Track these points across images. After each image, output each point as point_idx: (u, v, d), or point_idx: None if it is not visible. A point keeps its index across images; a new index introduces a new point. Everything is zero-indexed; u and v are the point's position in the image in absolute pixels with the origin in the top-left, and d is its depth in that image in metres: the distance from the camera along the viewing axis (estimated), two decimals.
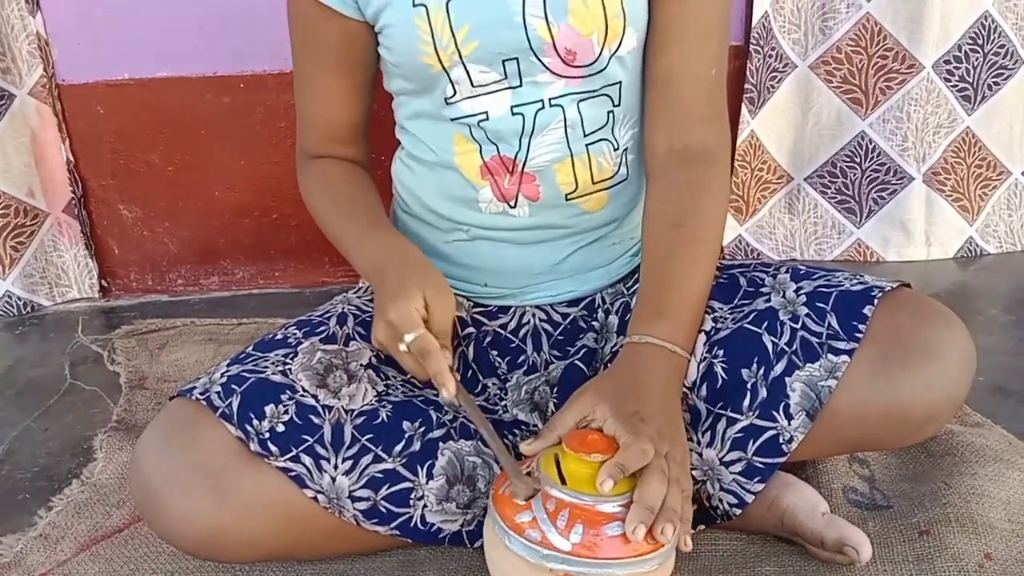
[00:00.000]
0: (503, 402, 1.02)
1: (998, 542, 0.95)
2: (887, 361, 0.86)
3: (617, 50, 0.94)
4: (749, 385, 0.88)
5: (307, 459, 0.87)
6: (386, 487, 0.89)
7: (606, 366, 1.01)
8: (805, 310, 0.89)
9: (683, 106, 0.96)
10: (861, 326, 0.87)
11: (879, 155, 1.71)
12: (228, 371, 0.91)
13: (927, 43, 1.63)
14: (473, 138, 0.97)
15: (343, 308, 1.01)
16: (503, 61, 0.93)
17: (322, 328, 0.98)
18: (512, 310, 1.07)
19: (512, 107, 0.95)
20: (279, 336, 0.97)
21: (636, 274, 1.02)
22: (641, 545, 0.75)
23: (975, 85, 1.69)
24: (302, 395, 0.89)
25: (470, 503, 0.91)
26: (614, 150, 1.00)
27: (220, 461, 0.86)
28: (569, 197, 1.00)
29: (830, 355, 0.87)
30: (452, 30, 0.90)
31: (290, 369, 0.91)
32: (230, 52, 1.60)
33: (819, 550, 0.93)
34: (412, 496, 0.90)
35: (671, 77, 0.96)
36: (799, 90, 1.69)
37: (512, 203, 1.00)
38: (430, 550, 0.97)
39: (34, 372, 1.47)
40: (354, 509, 0.88)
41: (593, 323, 1.06)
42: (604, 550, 0.74)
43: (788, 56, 1.66)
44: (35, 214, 1.63)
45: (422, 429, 0.91)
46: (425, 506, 0.90)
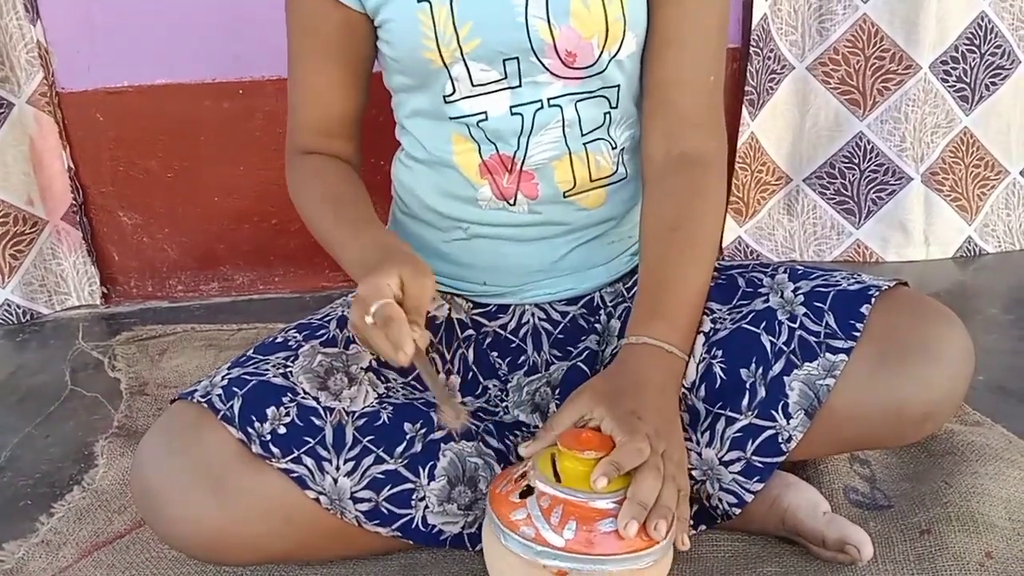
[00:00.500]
0: (504, 403, 1.02)
1: (999, 541, 0.95)
2: (885, 360, 0.86)
3: (616, 53, 0.94)
4: (748, 385, 0.88)
5: (309, 460, 0.87)
6: (387, 488, 0.89)
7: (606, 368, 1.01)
8: (803, 310, 0.90)
9: (681, 112, 0.96)
10: (859, 325, 0.87)
11: (877, 156, 1.71)
12: (229, 374, 0.91)
13: (924, 44, 1.63)
14: (472, 137, 0.98)
15: (343, 311, 1.01)
16: (503, 60, 0.93)
17: (322, 331, 0.98)
18: (511, 309, 1.07)
19: (511, 107, 0.95)
20: (280, 339, 0.97)
21: (636, 274, 1.03)
22: (635, 542, 0.75)
23: (972, 85, 1.70)
24: (303, 397, 0.89)
25: (471, 504, 0.91)
26: (612, 149, 1.00)
27: (222, 463, 0.86)
28: (567, 194, 1.00)
29: (828, 354, 0.87)
30: (455, 26, 0.91)
31: (291, 372, 0.91)
32: (229, 58, 1.60)
33: (820, 550, 0.93)
34: (413, 497, 0.90)
35: (669, 83, 0.96)
36: (797, 92, 1.70)
37: (511, 201, 1.00)
38: (431, 553, 0.97)
39: (35, 379, 1.47)
40: (356, 510, 0.88)
41: (595, 325, 1.06)
42: (598, 546, 0.74)
43: (786, 58, 1.66)
44: (34, 222, 1.64)
45: (423, 430, 0.91)
46: (427, 507, 0.90)
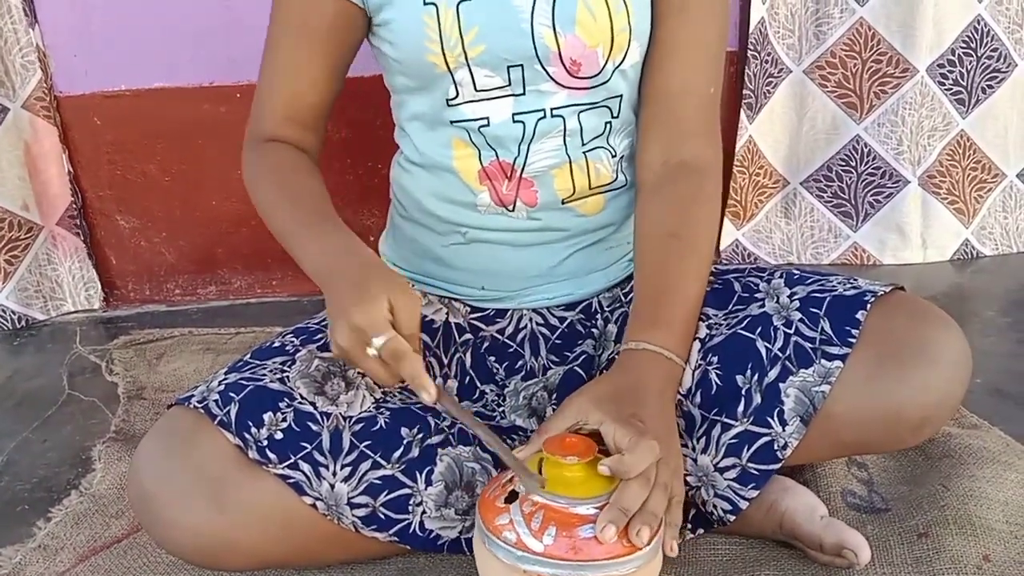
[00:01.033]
0: (501, 408, 1.02)
1: (996, 544, 0.95)
2: (882, 364, 0.86)
3: (621, 63, 0.95)
4: (743, 391, 0.88)
5: (306, 466, 0.87)
6: (385, 493, 0.89)
7: (602, 373, 1.01)
8: (799, 315, 0.90)
9: (682, 121, 0.97)
10: (854, 331, 0.87)
11: (874, 159, 1.71)
12: (226, 379, 0.91)
13: (920, 47, 1.63)
14: (472, 143, 0.98)
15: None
16: (508, 67, 0.93)
17: (319, 336, 0.98)
18: (509, 314, 1.07)
19: (514, 114, 0.95)
20: (276, 344, 0.97)
21: (632, 280, 1.03)
22: (616, 547, 0.74)
23: (969, 88, 1.70)
24: (300, 402, 0.89)
25: (468, 509, 0.91)
26: (612, 157, 1.01)
27: (218, 469, 0.86)
28: (566, 201, 1.00)
29: (823, 360, 0.87)
30: (461, 31, 0.91)
31: (288, 377, 0.91)
32: (226, 62, 1.60)
33: (818, 553, 0.93)
34: (411, 502, 0.89)
35: (671, 92, 0.96)
36: (794, 95, 1.70)
37: (510, 207, 1.00)
38: (429, 558, 0.97)
39: (32, 383, 1.47)
40: (353, 516, 0.88)
41: (592, 330, 1.06)
42: (578, 552, 0.74)
43: (783, 61, 1.66)
44: (29, 227, 1.63)
45: (420, 435, 0.91)
46: (424, 512, 0.90)
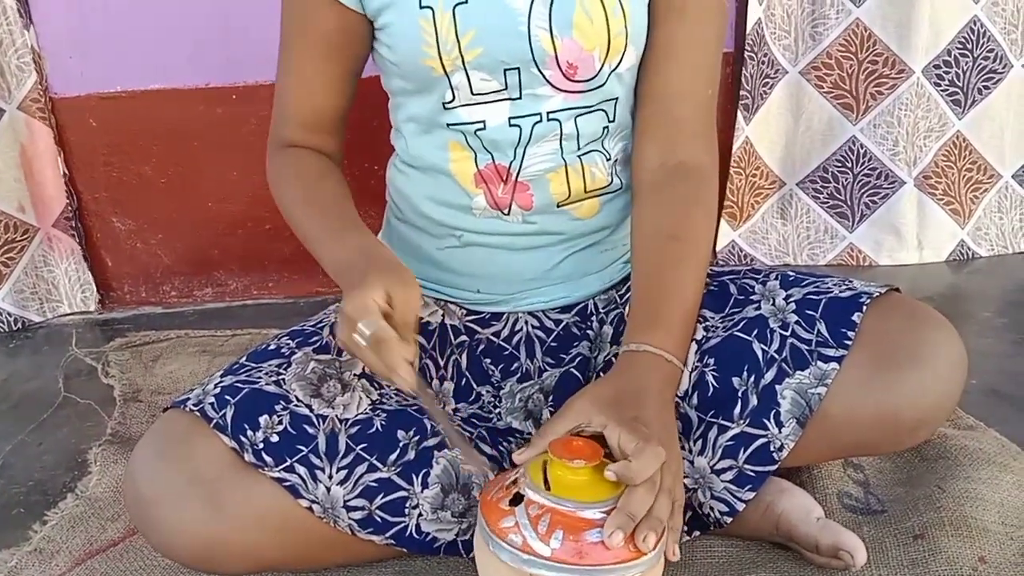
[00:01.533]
0: (497, 410, 1.02)
1: (992, 545, 0.95)
2: (878, 366, 0.86)
3: (617, 67, 0.95)
4: (740, 393, 0.89)
5: (302, 469, 0.87)
6: (381, 496, 0.89)
7: (598, 375, 1.01)
8: (795, 317, 0.90)
9: (680, 122, 0.97)
10: (850, 333, 0.87)
11: (870, 160, 1.71)
12: (222, 382, 0.91)
13: (917, 48, 1.64)
14: (468, 146, 0.98)
15: (336, 318, 1.01)
16: (505, 71, 0.93)
17: (315, 338, 0.98)
18: (505, 317, 1.07)
19: (510, 118, 0.95)
20: (272, 346, 0.97)
21: (628, 281, 1.03)
22: (622, 552, 0.74)
23: (965, 89, 1.70)
24: (296, 405, 0.89)
25: (465, 512, 0.91)
26: (607, 160, 1.01)
27: (214, 472, 0.85)
28: (561, 204, 1.00)
29: (820, 362, 0.87)
30: (457, 35, 0.91)
31: (284, 379, 0.91)
32: (222, 63, 1.60)
33: (814, 555, 0.93)
34: (407, 505, 0.89)
35: (670, 95, 0.97)
36: (790, 96, 1.70)
37: (506, 211, 1.00)
38: (426, 561, 0.97)
39: (28, 386, 1.47)
40: (349, 519, 0.88)
41: (588, 331, 1.06)
42: (585, 556, 0.74)
43: (779, 62, 1.66)
44: (25, 229, 1.63)
45: (416, 438, 0.91)
46: (420, 515, 0.90)
